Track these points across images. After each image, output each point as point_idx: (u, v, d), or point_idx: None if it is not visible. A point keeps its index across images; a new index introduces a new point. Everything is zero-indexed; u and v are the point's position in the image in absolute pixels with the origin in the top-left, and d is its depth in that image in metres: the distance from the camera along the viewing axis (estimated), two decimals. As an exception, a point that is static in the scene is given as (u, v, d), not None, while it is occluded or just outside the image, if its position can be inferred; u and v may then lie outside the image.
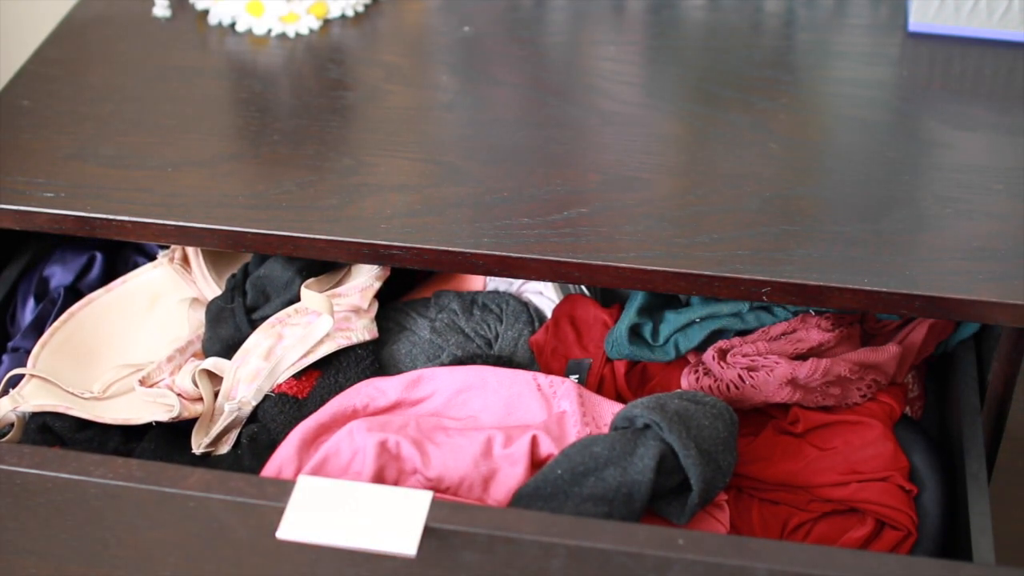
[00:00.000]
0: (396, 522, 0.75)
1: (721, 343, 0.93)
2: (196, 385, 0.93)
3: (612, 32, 1.16)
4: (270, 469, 0.86)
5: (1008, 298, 0.84)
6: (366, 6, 1.19)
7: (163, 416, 0.90)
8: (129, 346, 0.98)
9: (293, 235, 0.91)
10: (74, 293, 1.04)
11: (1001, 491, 0.97)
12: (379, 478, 0.83)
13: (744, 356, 0.92)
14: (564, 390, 0.89)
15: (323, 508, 0.76)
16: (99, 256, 1.06)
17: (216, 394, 0.94)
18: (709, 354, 0.93)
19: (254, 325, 0.96)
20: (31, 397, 0.91)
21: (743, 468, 0.91)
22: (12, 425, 0.91)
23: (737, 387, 0.92)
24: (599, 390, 0.96)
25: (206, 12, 1.18)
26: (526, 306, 0.99)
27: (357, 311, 0.97)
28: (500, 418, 0.89)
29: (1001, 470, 0.97)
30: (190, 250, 1.03)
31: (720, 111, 1.04)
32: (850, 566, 0.73)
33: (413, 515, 0.75)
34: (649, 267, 0.87)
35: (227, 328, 0.96)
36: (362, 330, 0.96)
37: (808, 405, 0.93)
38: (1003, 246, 0.89)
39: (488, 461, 0.84)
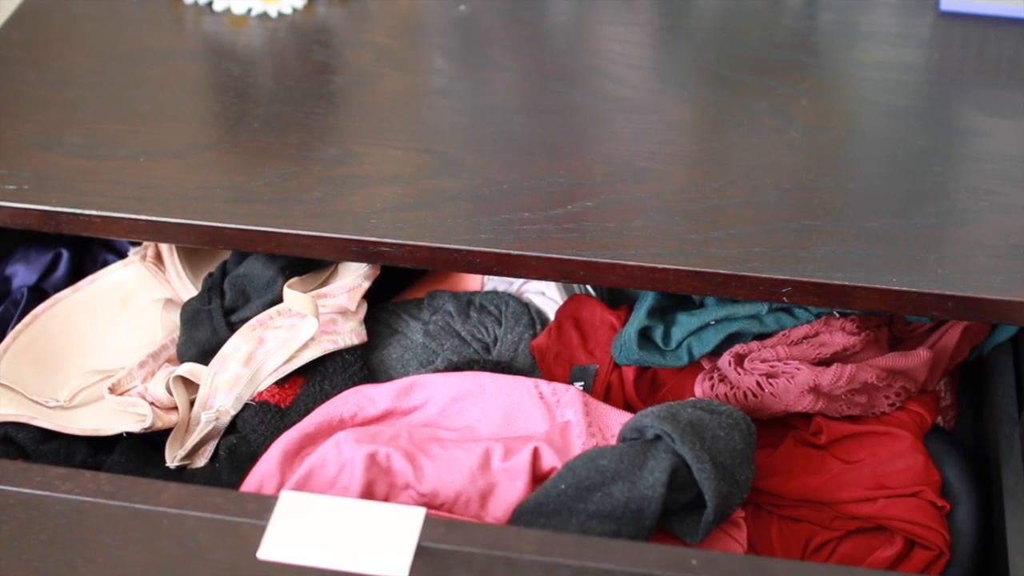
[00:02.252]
0: (386, 541, 0.75)
1: (738, 347, 0.94)
2: (170, 393, 0.93)
3: (620, 11, 1.16)
4: (250, 484, 0.86)
5: (1048, 299, 0.84)
6: (354, -17, 1.20)
7: (135, 426, 0.91)
8: (98, 351, 0.99)
9: (275, 231, 0.91)
10: (38, 294, 1.04)
11: (1040, 507, 0.97)
12: (368, 493, 0.83)
13: (763, 361, 0.92)
14: (568, 398, 0.89)
15: (308, 526, 0.76)
16: (65, 253, 1.06)
17: (192, 403, 0.94)
18: (725, 359, 0.94)
19: (233, 328, 0.96)
20: (-8, 406, 0.92)
21: (762, 482, 0.92)
22: (-29, 436, 0.91)
23: (755, 395, 0.92)
24: (606, 398, 0.96)
25: (182, -10, 1.18)
26: (527, 307, 1.00)
27: (344, 313, 0.97)
28: (499, 428, 0.89)
29: (1040, 484, 0.97)
30: (164, 247, 1.03)
31: (737, 97, 1.04)
32: (878, 589, 0.74)
33: (405, 533, 0.75)
34: (660, 265, 0.87)
35: (204, 331, 0.96)
36: (350, 333, 0.96)
37: (832, 414, 0.93)
38: (1043, 242, 0.89)
39: (486, 475, 0.84)
